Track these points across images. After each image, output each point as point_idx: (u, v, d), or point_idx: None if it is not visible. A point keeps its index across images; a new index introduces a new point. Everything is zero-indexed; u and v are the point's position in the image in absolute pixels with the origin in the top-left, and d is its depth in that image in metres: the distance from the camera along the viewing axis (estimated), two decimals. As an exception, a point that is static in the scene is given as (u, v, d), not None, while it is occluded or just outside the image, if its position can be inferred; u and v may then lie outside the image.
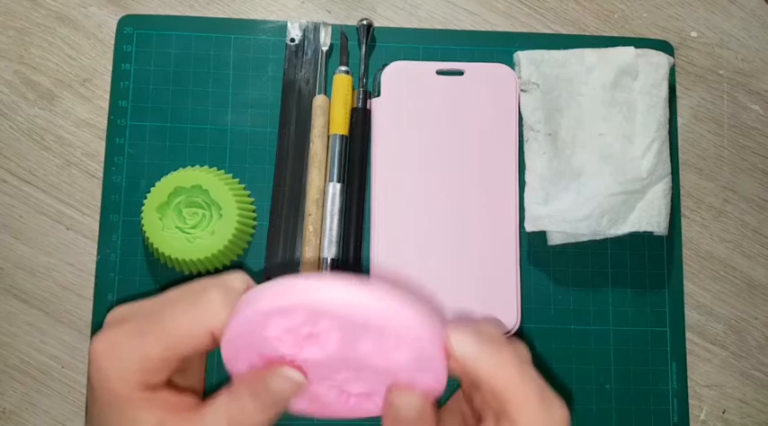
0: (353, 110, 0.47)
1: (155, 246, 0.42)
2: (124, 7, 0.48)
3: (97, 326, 0.44)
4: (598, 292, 0.47)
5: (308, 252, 0.44)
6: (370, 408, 0.28)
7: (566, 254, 0.47)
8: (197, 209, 0.43)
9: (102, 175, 0.46)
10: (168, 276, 0.45)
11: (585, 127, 0.47)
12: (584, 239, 0.46)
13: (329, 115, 0.47)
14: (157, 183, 0.43)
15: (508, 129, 0.47)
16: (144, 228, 0.42)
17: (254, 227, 0.46)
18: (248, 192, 0.46)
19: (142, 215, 0.43)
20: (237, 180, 0.46)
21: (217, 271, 0.45)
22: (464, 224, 0.46)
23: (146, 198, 0.43)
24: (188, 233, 0.42)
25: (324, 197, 0.46)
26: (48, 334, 0.45)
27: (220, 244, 0.42)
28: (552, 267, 0.47)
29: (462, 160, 0.47)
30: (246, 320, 0.25)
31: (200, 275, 0.45)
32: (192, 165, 0.45)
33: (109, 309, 0.44)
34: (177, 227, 0.43)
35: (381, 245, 0.45)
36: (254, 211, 0.46)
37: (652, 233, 0.47)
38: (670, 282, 0.48)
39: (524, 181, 0.47)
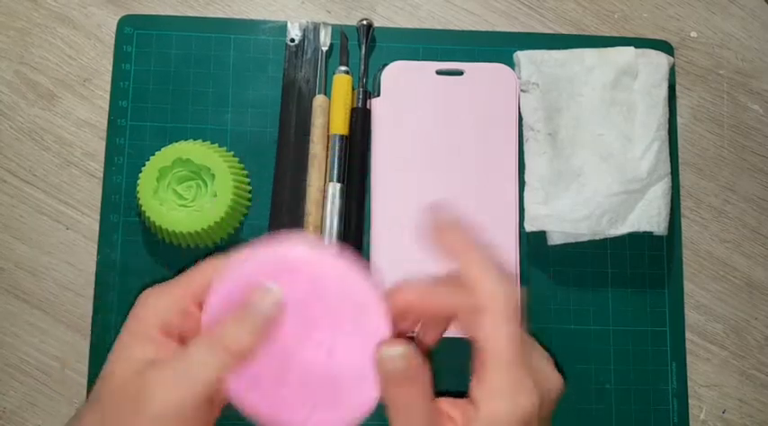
0: (353, 110, 0.47)
1: (163, 228, 0.42)
2: (124, 7, 0.48)
3: (97, 326, 0.44)
4: (598, 292, 0.47)
5: (308, 252, 0.44)
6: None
7: (566, 254, 0.47)
8: (189, 182, 0.43)
9: (102, 175, 0.46)
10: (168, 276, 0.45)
11: (585, 127, 0.47)
12: (584, 239, 0.46)
13: (329, 115, 0.47)
14: (143, 170, 0.43)
15: (508, 129, 0.47)
16: (151, 219, 0.42)
17: (249, 185, 0.46)
18: (232, 153, 0.46)
19: (142, 206, 0.42)
20: (216, 144, 0.46)
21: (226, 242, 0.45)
22: (464, 224, 0.46)
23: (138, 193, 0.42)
24: (190, 206, 0.42)
25: (324, 197, 0.46)
26: (48, 334, 0.45)
27: (225, 205, 0.42)
28: (552, 267, 0.47)
29: (462, 160, 0.47)
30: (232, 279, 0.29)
31: (206, 250, 0.45)
32: None
33: (108, 309, 0.44)
34: (181, 206, 0.42)
35: (381, 245, 0.45)
36: (243, 168, 0.46)
37: (652, 233, 0.47)
38: (670, 282, 0.48)
39: (524, 181, 0.47)
